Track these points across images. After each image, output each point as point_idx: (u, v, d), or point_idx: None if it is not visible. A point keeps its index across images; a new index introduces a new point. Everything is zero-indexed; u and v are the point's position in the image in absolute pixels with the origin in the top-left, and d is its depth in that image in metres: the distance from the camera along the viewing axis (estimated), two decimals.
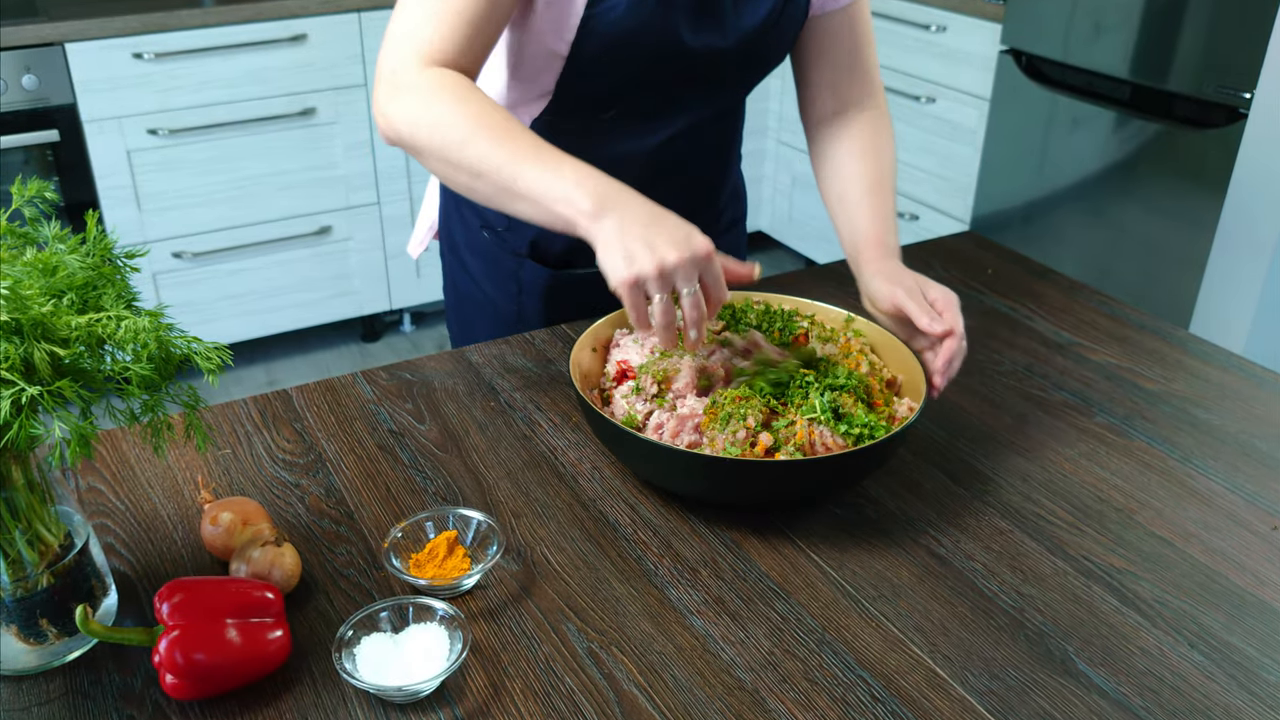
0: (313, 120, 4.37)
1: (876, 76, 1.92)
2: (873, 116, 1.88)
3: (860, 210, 1.78)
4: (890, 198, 1.81)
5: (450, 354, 1.84)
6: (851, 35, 1.86)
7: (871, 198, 1.79)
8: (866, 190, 1.80)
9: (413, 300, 4.89)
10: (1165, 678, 1.23)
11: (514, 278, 1.95)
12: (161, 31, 3.97)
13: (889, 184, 1.82)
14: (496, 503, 1.49)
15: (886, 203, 1.79)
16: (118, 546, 1.39)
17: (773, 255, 5.69)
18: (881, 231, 1.75)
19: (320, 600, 1.31)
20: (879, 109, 1.90)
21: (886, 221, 1.77)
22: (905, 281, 1.65)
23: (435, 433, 1.64)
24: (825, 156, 1.89)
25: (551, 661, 1.23)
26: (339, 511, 1.47)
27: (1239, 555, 1.43)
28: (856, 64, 1.88)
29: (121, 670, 1.21)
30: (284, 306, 4.63)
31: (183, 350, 1.15)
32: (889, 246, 1.73)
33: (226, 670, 1.15)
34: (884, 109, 1.91)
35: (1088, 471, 1.59)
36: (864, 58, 1.89)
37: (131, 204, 4.16)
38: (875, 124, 1.88)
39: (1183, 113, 3.55)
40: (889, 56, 4.61)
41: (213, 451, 1.58)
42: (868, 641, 1.27)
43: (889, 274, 1.67)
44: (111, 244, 1.18)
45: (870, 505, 1.50)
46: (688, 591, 1.34)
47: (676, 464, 1.42)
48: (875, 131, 1.87)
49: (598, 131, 1.78)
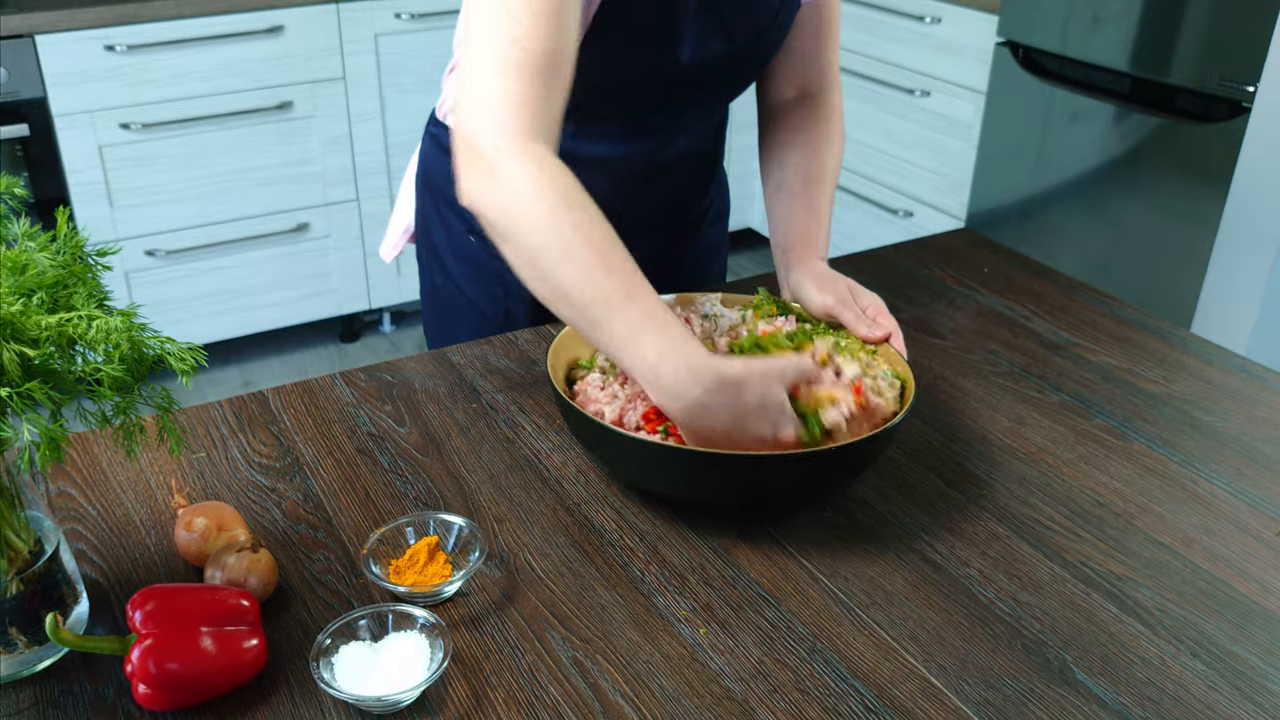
0: (290, 114, 4.36)
1: (835, 71, 1.94)
2: (825, 111, 1.90)
3: (795, 203, 1.80)
4: (827, 194, 1.83)
5: (431, 355, 1.84)
6: (817, 26, 1.88)
7: (808, 191, 1.81)
8: (804, 184, 1.82)
9: (392, 299, 4.89)
10: (1166, 688, 1.23)
11: (500, 281, 1.95)
12: (134, 23, 3.97)
13: (829, 180, 1.84)
14: (479, 507, 1.49)
15: (822, 199, 1.81)
16: (89, 553, 1.39)
17: (762, 253, 5.69)
18: (813, 228, 1.78)
19: (297, 608, 1.31)
20: (832, 104, 1.92)
21: (819, 218, 1.79)
22: (837, 289, 1.67)
23: (416, 436, 1.64)
24: (770, 144, 1.91)
25: (535, 671, 1.23)
26: (317, 517, 1.47)
27: (1242, 562, 1.43)
28: (818, 55, 1.90)
29: (93, 680, 1.21)
30: (260, 306, 4.62)
31: (156, 351, 1.15)
32: (818, 246, 1.76)
33: (201, 680, 1.15)
34: (838, 105, 1.93)
35: (1086, 475, 1.59)
36: (827, 50, 1.91)
37: (103, 200, 4.15)
38: (826, 119, 1.90)
39: (1184, 106, 3.56)
40: (882, 49, 4.62)
41: (187, 455, 1.58)
42: (860, 650, 1.27)
43: (818, 278, 1.69)
44: (83, 241, 1.18)
45: (862, 510, 1.50)
46: (675, 599, 1.34)
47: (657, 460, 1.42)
48: (824, 127, 1.89)
49: (588, 133, 1.79)
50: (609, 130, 1.81)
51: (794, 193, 1.81)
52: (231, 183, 4.36)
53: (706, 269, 2.15)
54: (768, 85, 1.94)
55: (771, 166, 1.88)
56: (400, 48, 4.45)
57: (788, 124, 1.89)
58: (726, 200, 2.19)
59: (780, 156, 1.87)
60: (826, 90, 1.92)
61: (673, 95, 1.80)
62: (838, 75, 1.94)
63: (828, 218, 1.80)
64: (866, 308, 1.65)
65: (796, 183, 1.82)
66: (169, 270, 4.37)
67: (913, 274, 2.14)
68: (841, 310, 1.64)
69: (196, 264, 4.42)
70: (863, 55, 4.73)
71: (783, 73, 1.91)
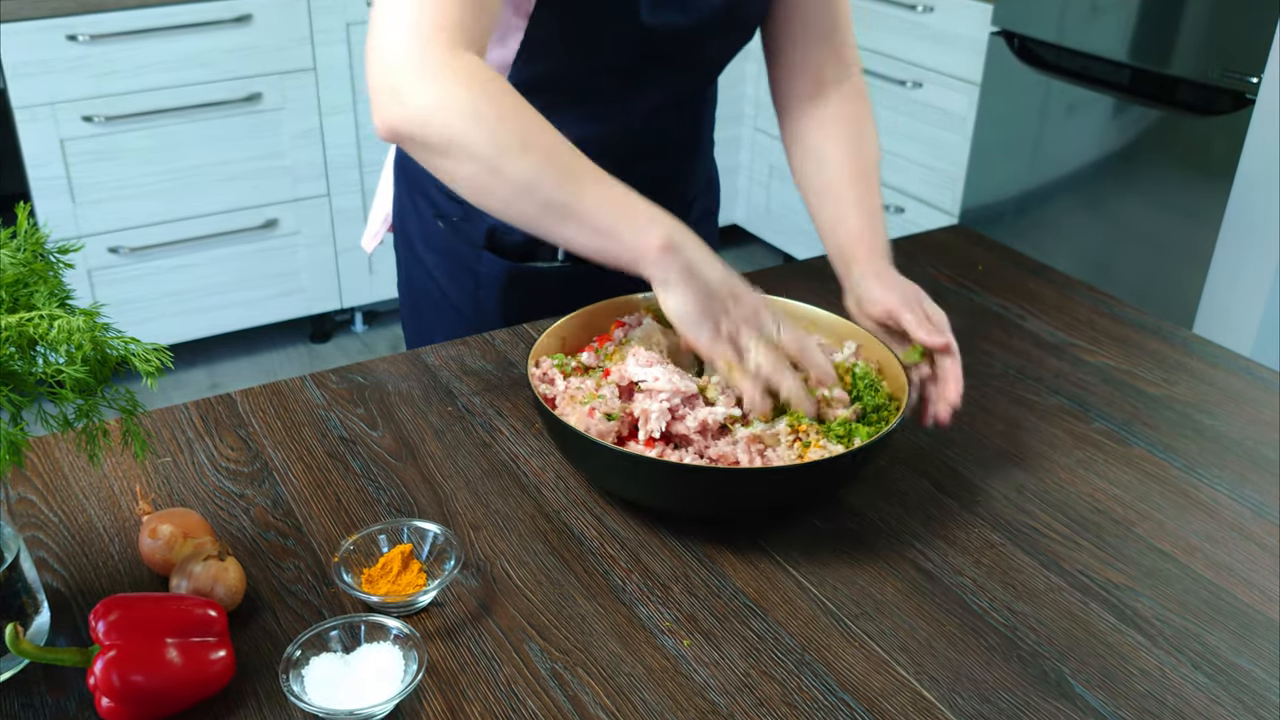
0: (258, 106, 4.36)
1: (855, 54, 1.90)
2: (852, 99, 1.87)
3: (846, 203, 1.76)
4: (877, 189, 1.79)
5: (405, 356, 1.84)
6: (829, 8, 1.86)
7: (857, 189, 1.77)
8: (851, 181, 1.78)
9: (365, 299, 4.89)
10: (1167, 701, 1.24)
11: (471, 272, 1.95)
12: (97, 12, 3.96)
13: (874, 174, 1.81)
14: (454, 514, 1.49)
15: (873, 195, 1.78)
16: (51, 561, 1.39)
17: (749, 251, 5.69)
18: (871, 228, 1.74)
19: (266, 618, 1.31)
20: (858, 90, 1.89)
21: (875, 217, 1.76)
22: (905, 290, 1.64)
23: (389, 440, 1.64)
24: (802, 143, 1.86)
25: (513, 683, 1.23)
26: (286, 524, 1.47)
27: (1246, 570, 1.43)
28: (834, 40, 1.87)
29: (54, 692, 1.21)
30: (227, 305, 4.62)
31: (120, 352, 1.15)
32: (880, 246, 1.72)
33: (166, 693, 1.15)
34: (863, 89, 1.90)
35: (1084, 481, 1.59)
36: (842, 33, 1.88)
37: (65, 195, 4.14)
38: (856, 107, 1.86)
39: (1186, 98, 3.57)
40: (872, 39, 4.62)
41: (152, 460, 1.58)
42: (850, 662, 1.27)
43: (884, 278, 1.67)
44: (44, 238, 1.18)
45: (852, 517, 1.51)
46: (658, 609, 1.34)
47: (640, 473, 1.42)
48: (857, 115, 1.85)
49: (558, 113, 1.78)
50: (578, 112, 1.79)
51: (841, 193, 1.78)
52: (198, 177, 4.36)
53: None
54: (782, 78, 1.91)
55: (808, 167, 1.84)
56: None
57: (815, 117, 1.85)
58: (716, 199, 2.18)
59: (816, 154, 1.83)
60: (850, 75, 1.88)
61: (642, 72, 1.79)
62: (858, 57, 1.91)
63: (881, 213, 1.77)
64: (930, 316, 1.61)
65: (841, 182, 1.78)
66: (133, 268, 4.37)
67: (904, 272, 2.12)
68: (903, 311, 1.60)
69: (162, 261, 4.41)
70: None
71: (798, 63, 1.87)
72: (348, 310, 5.06)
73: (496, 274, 1.93)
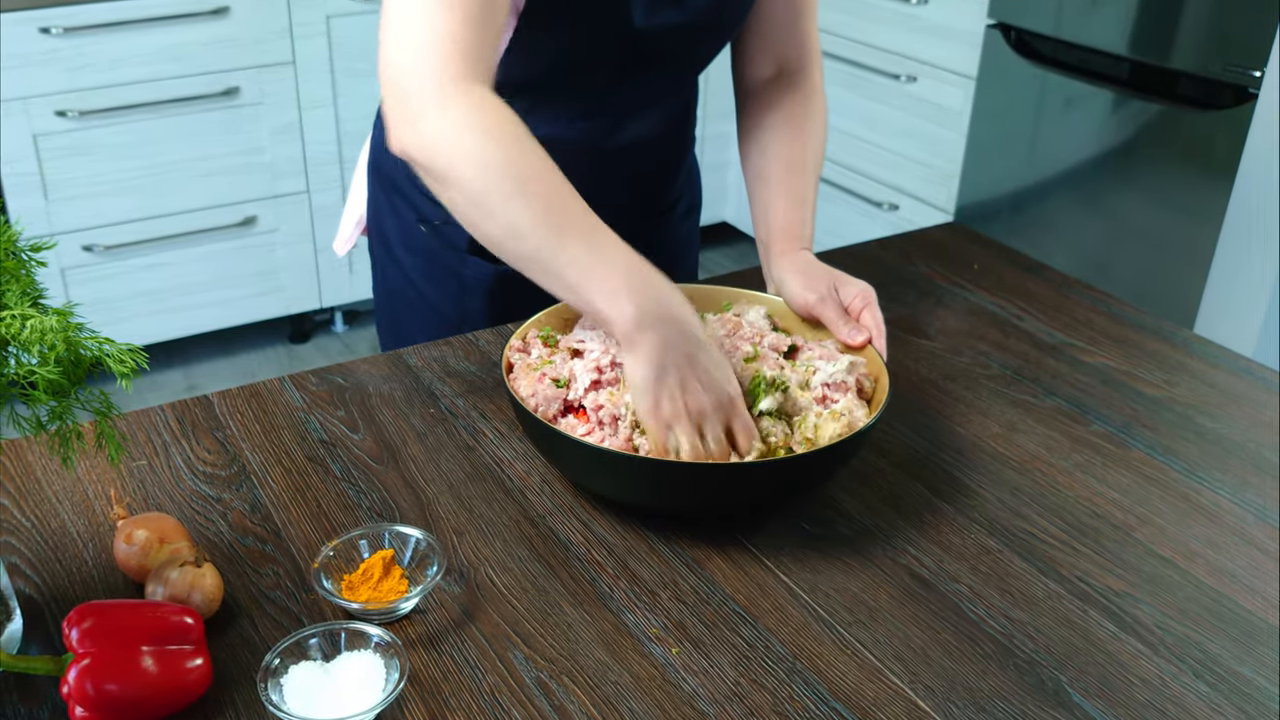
0: (236, 101, 4.34)
1: (815, 45, 1.95)
2: (805, 90, 1.91)
3: (777, 192, 1.81)
4: (812, 181, 1.84)
5: (386, 357, 1.83)
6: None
7: (791, 179, 1.82)
8: (787, 171, 1.83)
9: (345, 298, 4.88)
10: (1167, 710, 1.24)
11: (455, 276, 1.95)
12: (71, 4, 3.95)
13: (812, 165, 1.85)
14: (437, 519, 1.49)
15: (807, 186, 1.82)
16: (23, 567, 1.39)
17: (737, 247, 5.70)
18: (797, 218, 1.79)
19: (244, 625, 1.31)
20: (813, 83, 1.93)
21: (804, 208, 1.80)
22: (819, 286, 1.68)
23: (370, 443, 1.64)
24: (749, 127, 1.91)
25: (497, 692, 1.23)
26: (265, 529, 1.46)
27: (1248, 576, 1.44)
28: (795, 27, 1.91)
29: (26, 701, 1.21)
30: (204, 304, 4.60)
31: (94, 352, 1.14)
32: (803, 236, 1.77)
33: (142, 702, 1.15)
34: (819, 83, 1.94)
35: (1083, 485, 1.59)
36: (804, 21, 1.91)
37: (38, 192, 4.13)
38: (807, 98, 1.90)
39: (1187, 92, 3.57)
40: (865, 32, 4.62)
41: (127, 463, 1.58)
42: (842, 671, 1.28)
43: (802, 271, 1.71)
44: (15, 236, 1.18)
45: (844, 521, 1.51)
46: (646, 616, 1.34)
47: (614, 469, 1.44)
48: (807, 112, 1.89)
49: (546, 110, 1.79)
50: (567, 110, 1.81)
51: (776, 180, 1.82)
52: (174, 174, 4.34)
53: (676, 266, 2.14)
54: (743, 63, 1.94)
55: (751, 152, 1.89)
56: (354, 30, 4.44)
57: (766, 104, 1.89)
58: (698, 193, 2.19)
59: (760, 141, 1.87)
60: (806, 67, 1.92)
61: (632, 70, 1.80)
62: (818, 51, 1.95)
63: (812, 205, 1.81)
64: (853, 299, 1.66)
65: (778, 169, 1.83)
66: (108, 266, 4.35)
67: (898, 271, 2.15)
68: (823, 309, 1.65)
69: (137, 260, 4.40)
70: (844, 38, 4.73)
71: (757, 48, 1.92)
72: (327, 310, 5.05)
73: (483, 278, 1.93)
